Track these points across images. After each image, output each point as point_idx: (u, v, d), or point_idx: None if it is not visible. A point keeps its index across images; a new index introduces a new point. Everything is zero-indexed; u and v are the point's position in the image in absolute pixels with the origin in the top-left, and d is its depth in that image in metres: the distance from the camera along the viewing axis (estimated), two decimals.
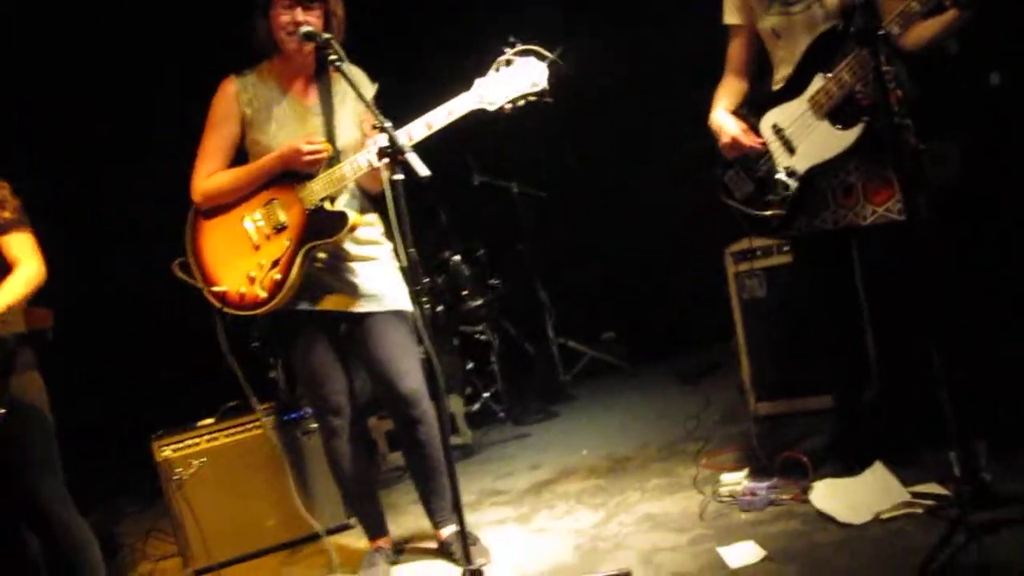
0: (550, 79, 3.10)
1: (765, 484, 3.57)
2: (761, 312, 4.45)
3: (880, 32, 2.75)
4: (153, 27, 6.22)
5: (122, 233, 6.29)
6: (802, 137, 3.29)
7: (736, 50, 3.56)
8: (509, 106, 3.14)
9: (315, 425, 4.26)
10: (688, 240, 5.87)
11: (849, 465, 3.48)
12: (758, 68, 3.53)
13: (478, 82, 3.14)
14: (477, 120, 3.17)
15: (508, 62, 3.11)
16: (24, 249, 3.39)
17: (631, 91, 6.36)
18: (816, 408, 4.27)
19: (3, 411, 3.16)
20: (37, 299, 3.38)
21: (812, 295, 3.66)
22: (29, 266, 3.37)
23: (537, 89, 3.11)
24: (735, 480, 3.70)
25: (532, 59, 3.11)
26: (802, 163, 3.31)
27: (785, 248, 4.26)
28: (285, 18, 3.30)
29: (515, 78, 3.11)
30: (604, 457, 4.67)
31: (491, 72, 3.13)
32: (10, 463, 3.27)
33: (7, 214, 3.39)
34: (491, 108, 3.14)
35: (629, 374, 6.43)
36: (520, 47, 3.11)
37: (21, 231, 3.41)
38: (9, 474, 3.28)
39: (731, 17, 3.53)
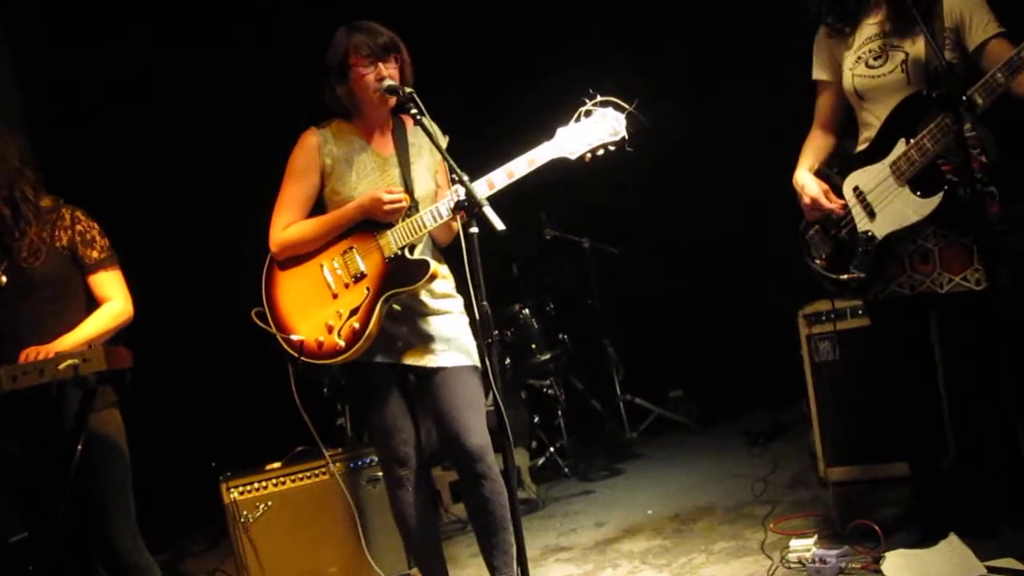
0: (629, 129, 3.14)
1: (835, 552, 3.48)
2: (833, 375, 4.39)
3: (964, 99, 2.72)
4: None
5: (199, 274, 6.43)
6: (883, 202, 3.26)
7: (824, 105, 3.55)
8: (589, 155, 3.18)
9: (380, 473, 4.27)
10: (760, 299, 5.84)
11: (923, 535, 3.39)
12: (845, 124, 3.52)
13: (560, 131, 3.18)
14: (553, 173, 3.20)
15: (588, 112, 3.16)
16: (113, 287, 3.50)
17: (706, 146, 6.37)
18: (889, 475, 4.19)
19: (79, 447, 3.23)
20: (119, 338, 3.47)
21: (887, 360, 3.58)
22: (116, 302, 3.48)
23: (616, 138, 3.15)
24: (804, 546, 3.62)
25: (611, 110, 3.16)
26: (881, 228, 3.28)
27: (859, 312, 4.21)
28: (370, 76, 3.34)
29: (595, 128, 3.15)
30: (670, 517, 4.61)
31: (572, 122, 3.17)
32: (86, 498, 3.32)
33: (95, 253, 3.49)
34: (572, 157, 3.18)
35: (696, 433, 6.37)
36: (599, 98, 3.16)
37: (110, 269, 3.51)
38: (85, 509, 3.33)
39: (819, 73, 3.53)
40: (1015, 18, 3.13)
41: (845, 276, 3.40)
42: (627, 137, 3.15)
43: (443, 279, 3.51)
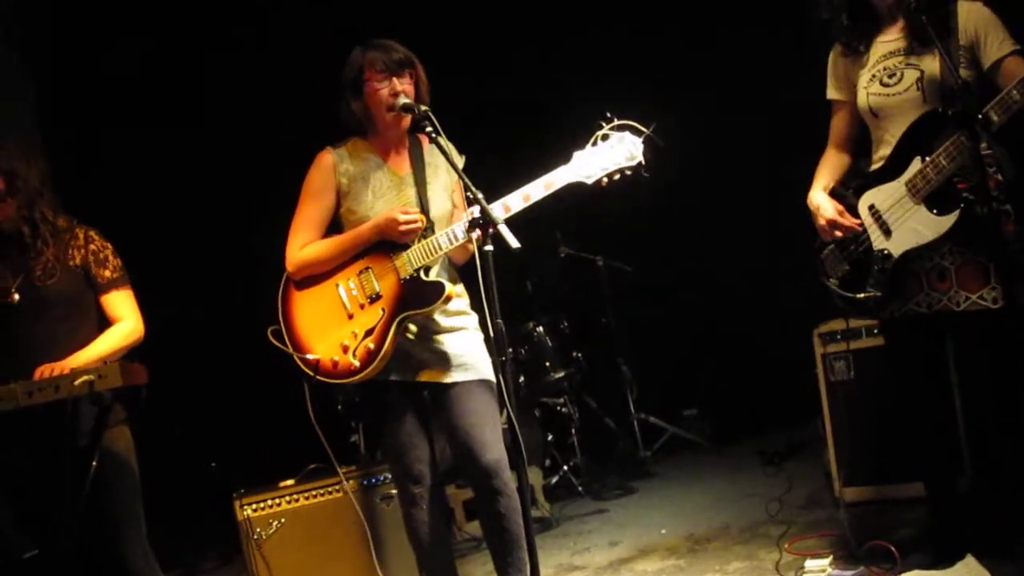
0: (646, 153, 3.14)
1: (851, 572, 3.47)
2: (848, 395, 4.36)
3: (980, 116, 2.72)
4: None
5: (215, 290, 6.46)
6: (899, 220, 3.26)
7: (839, 124, 3.55)
8: (606, 179, 3.17)
9: (394, 491, 4.27)
10: (775, 318, 5.82)
11: (940, 556, 3.37)
12: (861, 144, 3.51)
13: (576, 155, 3.18)
14: (568, 191, 3.20)
15: (605, 136, 3.16)
16: (124, 306, 3.54)
17: (722, 165, 6.37)
18: (905, 496, 4.16)
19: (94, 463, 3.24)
20: (134, 355, 3.49)
21: (903, 379, 3.56)
22: (128, 322, 3.51)
23: (633, 163, 3.15)
24: (819, 566, 3.60)
25: (628, 134, 3.15)
26: (898, 246, 3.27)
27: (875, 331, 4.19)
28: (384, 91, 3.35)
29: (612, 152, 3.15)
30: (684, 537, 4.59)
31: (588, 146, 3.17)
32: (97, 515, 3.33)
33: (108, 273, 3.53)
34: (589, 181, 3.17)
35: (710, 452, 6.34)
36: (617, 122, 3.16)
37: (122, 289, 3.56)
38: (96, 526, 3.34)
39: (833, 92, 3.53)
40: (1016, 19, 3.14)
41: (862, 295, 3.39)
42: (644, 162, 3.15)
43: (457, 296, 3.51)
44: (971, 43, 3.16)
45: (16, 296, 3.39)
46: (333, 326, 3.43)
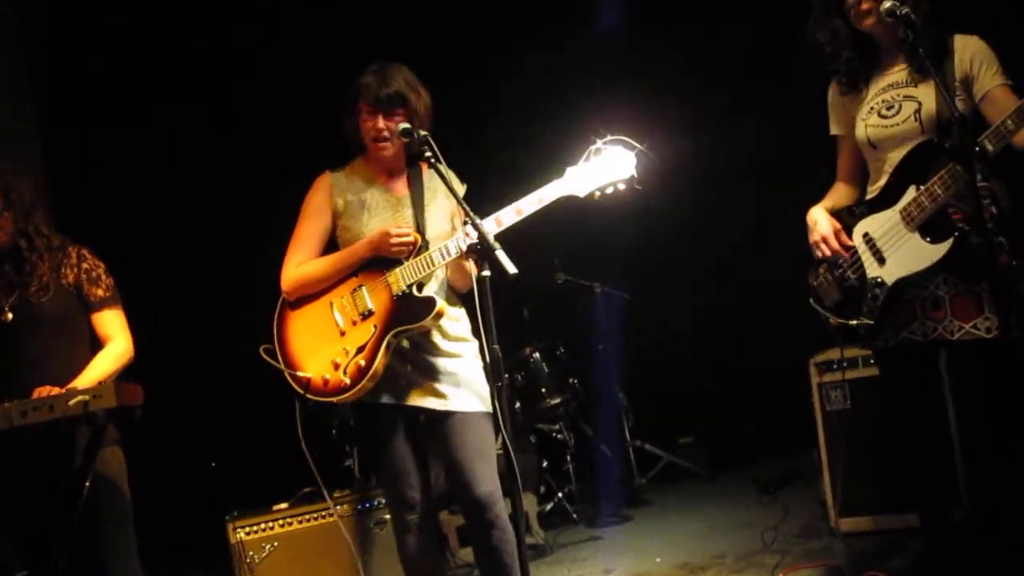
0: (638, 168, 3.14)
1: None
2: (845, 424, 4.35)
3: (976, 148, 2.73)
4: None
5: (211, 308, 6.45)
6: (892, 248, 3.25)
7: (844, 159, 3.55)
8: (598, 194, 3.17)
9: (388, 516, 4.26)
10: (771, 347, 5.82)
11: None
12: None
13: (569, 170, 3.18)
14: (565, 215, 3.20)
15: (598, 151, 3.16)
16: (115, 325, 3.54)
17: (718, 192, 6.39)
18: (901, 526, 4.14)
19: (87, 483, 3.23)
20: (129, 375, 3.49)
21: (898, 409, 3.55)
22: (119, 342, 3.51)
23: (626, 178, 3.15)
24: None
25: (621, 148, 3.15)
26: (891, 274, 3.27)
27: (871, 361, 4.18)
28: (368, 124, 3.40)
29: (604, 166, 3.15)
30: (679, 565, 4.57)
31: (581, 161, 3.17)
32: (88, 535, 3.31)
33: (101, 292, 3.53)
34: (581, 195, 3.17)
35: (706, 480, 6.33)
36: (610, 137, 3.15)
37: (113, 308, 3.56)
38: (87, 547, 3.32)
39: (835, 128, 3.54)
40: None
41: (854, 322, 3.38)
42: (636, 176, 3.14)
43: (456, 321, 3.51)
44: (966, 75, 3.18)
45: (9, 315, 3.39)
46: (325, 343, 3.43)
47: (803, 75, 3.61)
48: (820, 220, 3.44)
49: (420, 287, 3.36)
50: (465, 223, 3.03)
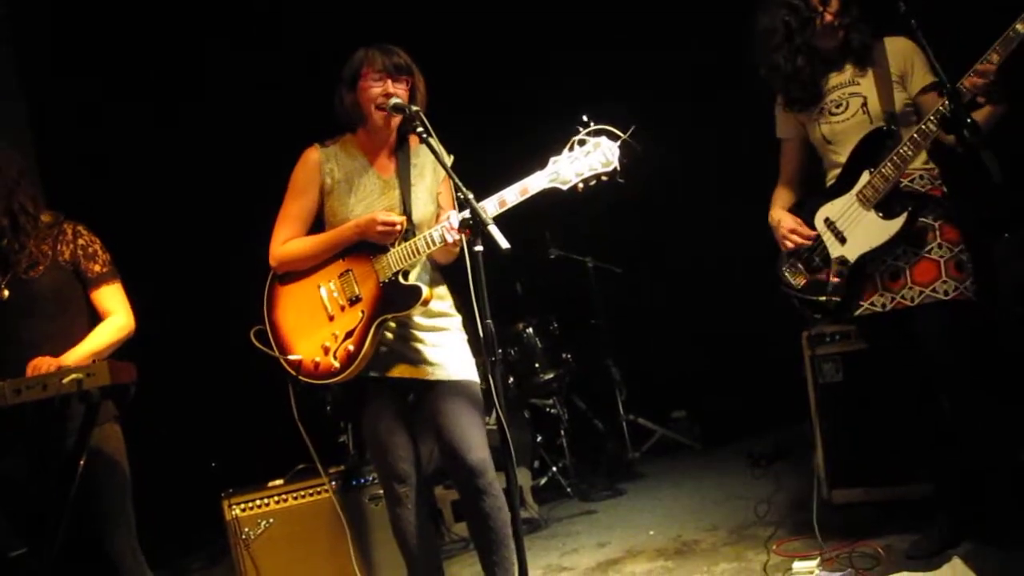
0: (622, 158, 3.12)
1: (838, 574, 3.48)
2: (837, 397, 4.37)
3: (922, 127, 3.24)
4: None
5: (202, 288, 6.45)
6: (852, 228, 3.53)
7: (786, 160, 3.87)
8: (581, 185, 3.14)
9: (382, 491, 4.27)
10: (764, 320, 5.82)
11: (927, 558, 3.42)
12: (811, 177, 3.81)
13: (552, 161, 3.17)
14: (555, 192, 3.19)
15: (581, 142, 3.13)
16: (115, 300, 3.53)
17: (710, 168, 6.38)
18: (893, 498, 4.17)
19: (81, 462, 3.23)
20: (123, 352, 3.48)
21: (882, 373, 3.78)
22: (118, 316, 3.49)
23: (609, 168, 3.11)
24: (807, 568, 3.62)
25: (604, 139, 3.12)
26: (852, 251, 3.52)
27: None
28: (376, 90, 3.39)
29: (588, 157, 3.12)
30: (672, 538, 4.59)
31: (565, 151, 3.15)
32: (87, 513, 3.32)
33: (98, 267, 3.51)
34: (564, 187, 3.15)
35: (699, 454, 6.36)
36: (593, 127, 3.13)
37: (112, 283, 3.54)
38: (85, 524, 3.33)
39: (781, 131, 3.85)
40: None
41: (823, 298, 3.60)
42: (619, 167, 3.10)
43: (439, 299, 3.52)
44: (901, 73, 3.51)
45: (5, 292, 3.38)
46: (314, 327, 3.46)
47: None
48: (783, 218, 3.74)
49: (406, 274, 3.38)
50: (457, 199, 3.03)
